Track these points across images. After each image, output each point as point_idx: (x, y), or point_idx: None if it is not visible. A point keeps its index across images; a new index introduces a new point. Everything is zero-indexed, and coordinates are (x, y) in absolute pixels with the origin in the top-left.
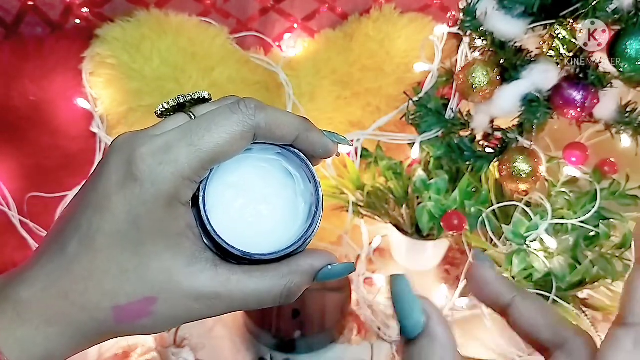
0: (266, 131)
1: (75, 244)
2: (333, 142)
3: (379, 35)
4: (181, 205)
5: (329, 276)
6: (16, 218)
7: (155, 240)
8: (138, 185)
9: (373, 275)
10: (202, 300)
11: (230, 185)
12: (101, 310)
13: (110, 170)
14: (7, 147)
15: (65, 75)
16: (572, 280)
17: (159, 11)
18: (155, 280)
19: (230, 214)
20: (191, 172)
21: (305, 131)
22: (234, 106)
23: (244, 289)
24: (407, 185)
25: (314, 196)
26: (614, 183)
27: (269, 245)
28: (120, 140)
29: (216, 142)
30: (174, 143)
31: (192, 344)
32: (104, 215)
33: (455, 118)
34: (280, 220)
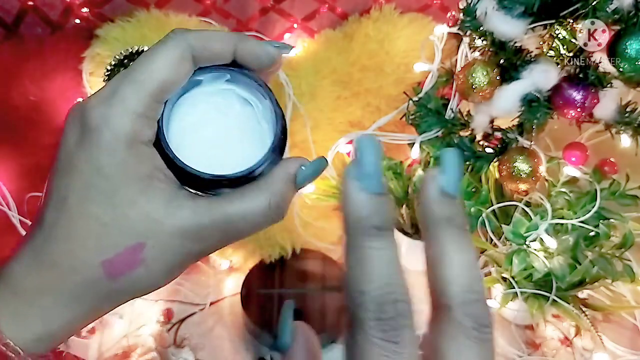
0: (202, 49)
1: (51, 211)
2: (274, 47)
3: (379, 35)
4: (144, 145)
5: (307, 176)
6: (16, 218)
7: (126, 185)
8: (94, 133)
9: None
10: (189, 235)
11: (189, 125)
12: (91, 268)
13: (68, 130)
14: (7, 147)
15: (65, 75)
16: (572, 280)
17: (159, 11)
18: (136, 226)
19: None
20: (142, 106)
21: (240, 42)
22: (165, 37)
23: (228, 214)
24: (407, 185)
25: (273, 112)
26: (614, 183)
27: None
28: (74, 106)
29: (157, 70)
30: (118, 85)
31: (192, 344)
32: (70, 174)
33: (455, 118)
34: (247, 147)
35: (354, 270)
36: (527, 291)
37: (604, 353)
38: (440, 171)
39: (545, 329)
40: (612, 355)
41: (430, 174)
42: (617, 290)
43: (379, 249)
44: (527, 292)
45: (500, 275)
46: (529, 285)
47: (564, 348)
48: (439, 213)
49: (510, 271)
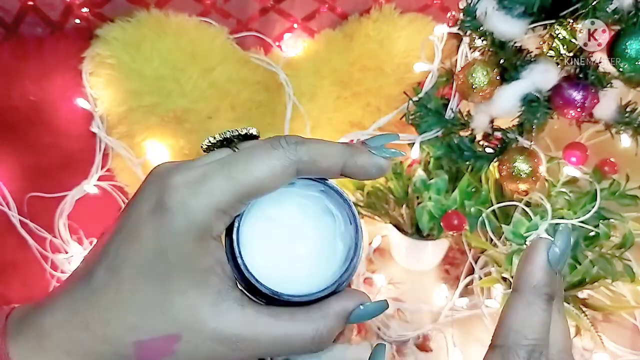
0: (310, 164)
1: (101, 273)
2: (385, 158)
3: (379, 35)
4: (212, 239)
5: (362, 317)
6: (16, 218)
7: (182, 274)
8: (169, 215)
9: (373, 275)
10: (226, 342)
11: (268, 217)
12: (122, 345)
13: (143, 198)
14: (7, 147)
15: (65, 75)
16: (572, 280)
17: (159, 11)
18: (179, 317)
19: (264, 248)
20: (226, 205)
21: (351, 157)
22: (275, 141)
23: (271, 333)
24: (407, 185)
25: (353, 239)
26: (614, 183)
27: (302, 287)
28: (158, 168)
29: (255, 175)
30: (211, 174)
31: None
32: (132, 245)
33: (455, 118)
34: (315, 261)
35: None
36: None
37: (604, 353)
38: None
39: None
40: (612, 355)
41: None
42: (617, 290)
43: (545, 311)
44: None
45: (500, 275)
46: None
47: None
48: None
49: (510, 271)
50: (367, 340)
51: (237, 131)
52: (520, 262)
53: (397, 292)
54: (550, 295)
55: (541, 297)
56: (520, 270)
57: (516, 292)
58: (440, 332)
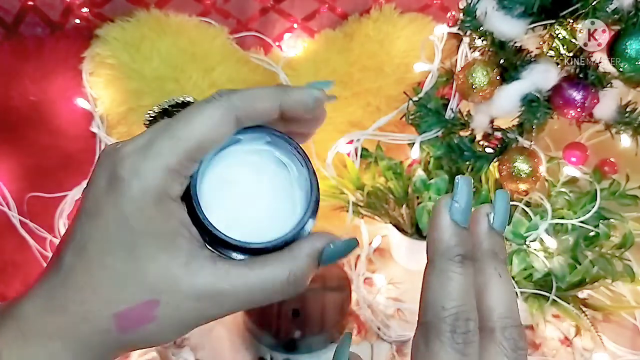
0: (247, 109)
1: (70, 255)
2: (317, 89)
3: (379, 35)
4: (172, 201)
5: (333, 255)
6: (16, 218)
7: (149, 240)
8: (124, 184)
9: (373, 275)
10: (204, 298)
11: (222, 181)
12: (102, 319)
13: (98, 175)
14: (7, 147)
15: (65, 75)
16: (572, 280)
17: (159, 11)
18: (153, 282)
19: (225, 210)
20: (177, 163)
21: (284, 94)
22: (209, 97)
23: (247, 281)
24: (407, 185)
25: (308, 181)
26: (614, 183)
27: (269, 237)
28: (107, 147)
29: (197, 129)
30: (156, 138)
31: (192, 344)
32: (95, 221)
33: (455, 118)
34: (277, 211)
35: (437, 289)
36: (527, 291)
37: (604, 353)
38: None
39: (545, 329)
40: (612, 355)
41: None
42: (617, 290)
43: (461, 274)
44: (527, 292)
45: None
46: (529, 285)
47: (564, 348)
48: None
49: (510, 271)
50: (367, 340)
51: (174, 100)
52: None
53: (397, 292)
54: (463, 255)
55: (452, 260)
56: (428, 238)
57: (429, 263)
58: None
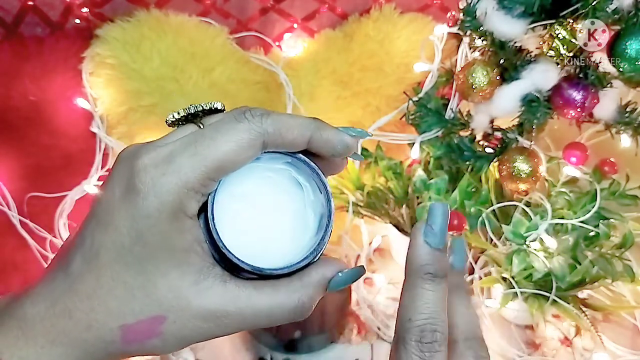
0: (276, 136)
1: (79, 261)
2: (351, 136)
3: (379, 35)
4: (187, 218)
5: (341, 284)
6: (16, 218)
7: (161, 256)
8: (141, 197)
9: (373, 275)
10: (211, 319)
11: (237, 197)
12: (108, 330)
13: (114, 182)
14: (7, 147)
15: (65, 75)
16: (572, 280)
17: (159, 11)
18: (163, 298)
19: (238, 227)
20: (196, 182)
21: (317, 130)
22: (240, 114)
23: (255, 305)
24: (407, 185)
25: (325, 207)
26: (614, 183)
27: (279, 259)
28: (125, 152)
29: (222, 150)
30: (178, 153)
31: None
32: (107, 230)
33: (455, 118)
34: (289, 232)
35: (407, 303)
36: (527, 291)
37: (604, 353)
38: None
39: (545, 329)
40: (612, 355)
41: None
42: (617, 290)
43: (430, 290)
44: (527, 292)
45: (500, 275)
46: (529, 285)
47: (564, 348)
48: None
49: (510, 271)
50: (367, 340)
51: (201, 106)
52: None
53: (397, 292)
54: (434, 274)
55: (424, 277)
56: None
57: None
58: None
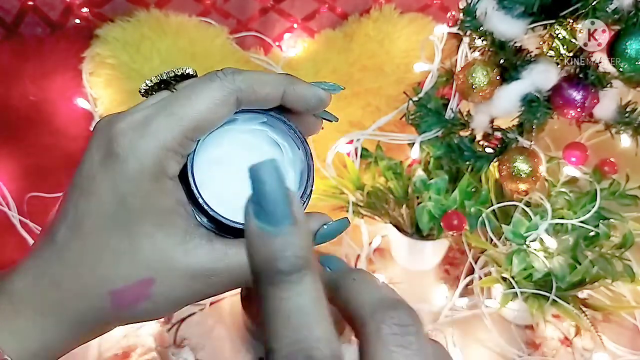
0: (249, 93)
1: (64, 230)
2: (323, 90)
3: (379, 35)
4: (168, 179)
5: (326, 236)
6: (16, 218)
7: (145, 218)
8: (120, 161)
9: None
10: (200, 277)
11: (216, 160)
12: (97, 296)
13: (92, 151)
14: (7, 147)
15: (65, 75)
16: (572, 280)
17: (159, 11)
18: (150, 260)
19: (219, 188)
20: (174, 142)
21: (290, 85)
22: (212, 75)
23: (242, 260)
24: (407, 185)
25: (304, 162)
26: (614, 183)
27: None
28: (102, 120)
29: (197, 109)
30: (154, 115)
31: (192, 344)
32: (89, 197)
33: (455, 118)
34: None
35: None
36: (527, 291)
37: (604, 353)
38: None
39: (545, 329)
40: (612, 355)
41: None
42: (617, 290)
43: (288, 298)
44: (527, 292)
45: (500, 275)
46: (529, 285)
47: (564, 348)
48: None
49: (510, 271)
50: None
51: (173, 72)
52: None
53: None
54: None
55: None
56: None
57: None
58: (440, 332)
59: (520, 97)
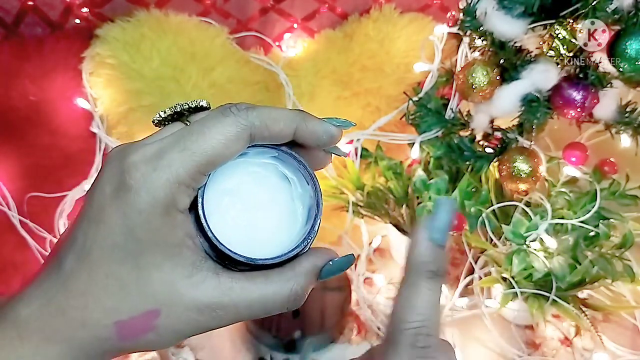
0: (262, 129)
1: (71, 259)
2: (335, 126)
3: (379, 35)
4: (179, 212)
5: (332, 272)
6: (16, 218)
7: (154, 250)
8: (132, 194)
9: (373, 275)
10: (206, 311)
11: (225, 192)
12: (102, 327)
13: (104, 181)
14: (7, 147)
15: (65, 75)
16: (572, 280)
17: (159, 11)
18: (156, 292)
19: (229, 221)
20: (187, 177)
21: (302, 121)
22: (225, 109)
23: (248, 296)
24: (407, 185)
25: (313, 198)
26: (613, 183)
27: (270, 250)
28: (114, 150)
29: (210, 145)
30: (167, 149)
31: (192, 344)
32: (99, 227)
33: (455, 118)
34: (278, 225)
35: (404, 302)
36: (527, 291)
37: (604, 353)
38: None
39: (545, 329)
40: (612, 355)
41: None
42: (617, 290)
43: (429, 290)
44: (527, 292)
45: (500, 275)
46: (529, 285)
47: (564, 348)
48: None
49: (510, 271)
50: (367, 340)
51: (187, 104)
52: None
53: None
54: (434, 271)
55: (424, 275)
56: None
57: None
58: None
59: (520, 97)
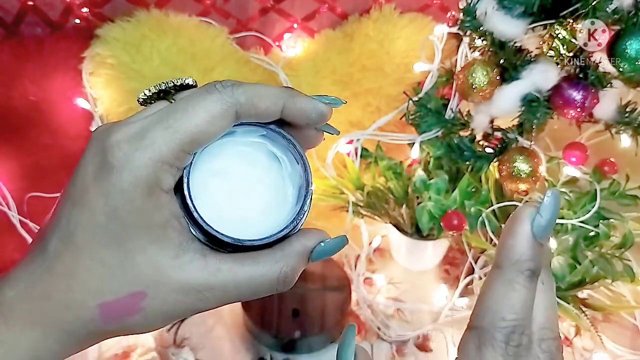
0: (248, 106)
1: (55, 241)
2: (324, 103)
3: (379, 35)
4: (163, 192)
5: (323, 253)
6: (16, 218)
7: (138, 231)
8: (114, 173)
9: (373, 275)
10: (192, 293)
11: (214, 172)
12: (87, 309)
13: (87, 161)
14: (7, 147)
15: (65, 75)
16: (572, 280)
17: (159, 11)
18: (141, 274)
19: (216, 202)
20: (170, 155)
21: (290, 98)
22: (210, 87)
23: (236, 277)
24: (407, 185)
25: (302, 178)
26: (613, 183)
27: (259, 231)
28: (97, 130)
29: (194, 122)
30: (150, 127)
31: (192, 344)
32: (82, 209)
33: (455, 118)
34: (267, 205)
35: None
36: None
37: (604, 353)
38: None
39: None
40: (612, 355)
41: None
42: (617, 290)
43: (527, 288)
44: None
45: None
46: None
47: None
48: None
49: None
50: (367, 340)
51: (172, 82)
52: (503, 233)
53: (397, 292)
54: (533, 270)
55: (523, 273)
56: (501, 244)
57: (497, 269)
58: (440, 332)
59: (520, 97)
